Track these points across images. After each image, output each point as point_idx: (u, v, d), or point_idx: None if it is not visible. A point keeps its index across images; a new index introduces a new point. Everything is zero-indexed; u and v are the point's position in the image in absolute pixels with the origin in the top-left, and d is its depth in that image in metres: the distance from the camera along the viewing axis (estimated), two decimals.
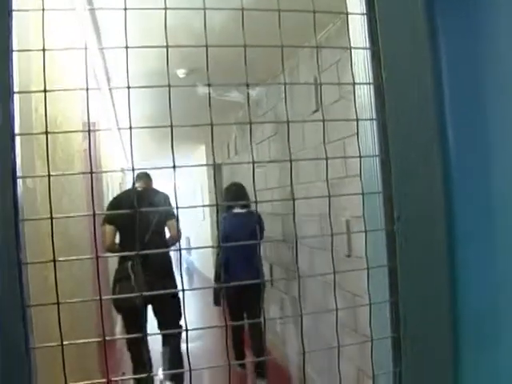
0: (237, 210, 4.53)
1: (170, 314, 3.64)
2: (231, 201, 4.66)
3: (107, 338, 0.86)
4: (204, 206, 13.09)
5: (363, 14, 0.99)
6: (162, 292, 3.55)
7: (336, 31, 3.23)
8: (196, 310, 6.99)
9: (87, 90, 0.84)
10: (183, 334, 0.90)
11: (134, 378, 3.29)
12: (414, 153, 0.92)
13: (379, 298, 0.99)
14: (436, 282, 0.91)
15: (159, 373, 4.06)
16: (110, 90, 4.43)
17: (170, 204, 4.11)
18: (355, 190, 1.01)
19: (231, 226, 4.36)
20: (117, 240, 3.95)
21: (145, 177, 4.28)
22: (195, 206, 5.06)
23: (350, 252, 3.24)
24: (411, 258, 0.92)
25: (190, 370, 0.87)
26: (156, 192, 4.22)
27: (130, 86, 0.88)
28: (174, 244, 4.13)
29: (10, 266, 0.77)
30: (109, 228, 3.84)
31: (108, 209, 4.43)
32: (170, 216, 4.04)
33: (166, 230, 4.10)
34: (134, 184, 3.79)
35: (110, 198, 4.78)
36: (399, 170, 0.93)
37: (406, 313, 0.93)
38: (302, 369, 0.99)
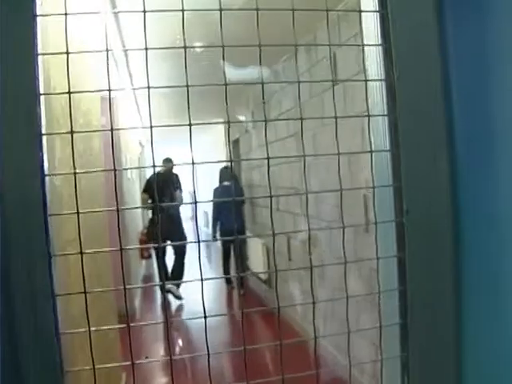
0: (225, 183, 7.36)
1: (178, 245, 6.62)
2: (223, 178, 7.36)
3: (132, 325, 0.89)
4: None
5: (376, 12, 1.00)
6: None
7: (354, 3, 3.17)
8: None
9: (109, 91, 0.86)
10: None
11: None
12: (422, 149, 0.94)
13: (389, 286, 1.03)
14: (441, 270, 0.94)
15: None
16: (127, 64, 4.42)
17: (178, 180, 7.12)
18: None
19: (221, 193, 7.38)
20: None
21: (168, 161, 6.93)
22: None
23: (368, 227, 3.24)
24: (418, 248, 0.95)
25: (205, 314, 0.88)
26: (172, 173, 7.14)
27: (148, 61, 0.89)
28: (179, 205, 7.17)
29: (40, 258, 0.81)
30: (143, 195, 7.00)
31: (145, 183, 7.14)
32: (177, 189, 7.11)
33: (176, 196, 7.01)
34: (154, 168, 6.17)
35: (128, 169, 7.65)
36: (409, 164, 0.96)
37: (412, 301, 0.97)
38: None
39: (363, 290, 3.36)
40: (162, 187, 6.74)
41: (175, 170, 7.27)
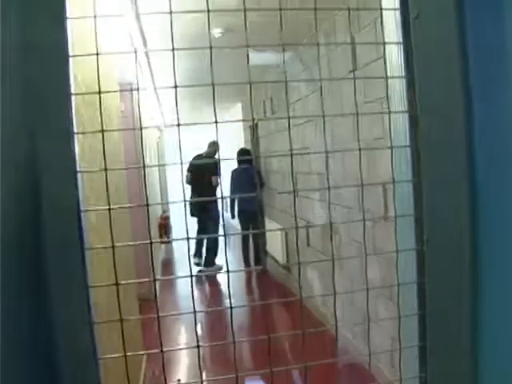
0: (243, 166, 7.64)
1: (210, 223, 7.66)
2: (241, 160, 7.57)
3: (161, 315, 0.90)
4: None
5: (399, 43, 1.01)
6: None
7: None
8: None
9: (138, 90, 0.86)
10: None
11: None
12: (443, 179, 0.95)
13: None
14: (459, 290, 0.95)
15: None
16: (146, 51, 4.43)
17: (216, 165, 7.05)
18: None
19: (239, 174, 7.62)
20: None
21: (213, 145, 7.57)
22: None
23: (387, 215, 3.23)
24: (438, 275, 0.98)
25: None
26: (213, 157, 7.61)
27: (168, 47, 0.90)
28: (216, 187, 7.47)
29: (74, 252, 0.83)
30: (187, 173, 7.54)
31: (190, 163, 7.64)
32: (214, 173, 7.47)
33: (213, 180, 7.49)
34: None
35: (147, 154, 7.80)
36: (430, 195, 0.98)
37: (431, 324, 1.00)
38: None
39: (381, 277, 3.35)
40: (203, 169, 7.38)
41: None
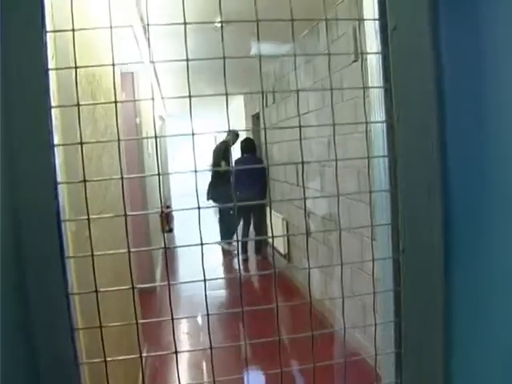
0: (246, 155, 7.85)
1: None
2: (244, 149, 7.83)
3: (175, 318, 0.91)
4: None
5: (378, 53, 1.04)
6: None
7: None
8: None
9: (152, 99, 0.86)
10: None
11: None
12: (418, 189, 0.98)
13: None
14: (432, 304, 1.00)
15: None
16: (148, 40, 4.41)
17: (225, 151, 8.01)
18: None
19: (243, 163, 7.85)
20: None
21: (233, 133, 7.91)
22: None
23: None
24: (413, 283, 1.02)
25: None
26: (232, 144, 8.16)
27: (168, 37, 0.90)
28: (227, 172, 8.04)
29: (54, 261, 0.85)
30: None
31: (213, 150, 8.41)
32: (222, 158, 8.13)
33: (222, 164, 8.03)
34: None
35: (149, 144, 7.41)
36: (406, 205, 1.00)
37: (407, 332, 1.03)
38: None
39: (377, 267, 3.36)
40: (228, 156, 8.03)
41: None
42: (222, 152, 8.17)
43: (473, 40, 0.91)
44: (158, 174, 0.99)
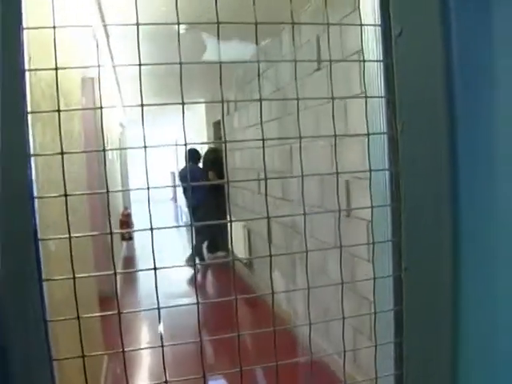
0: (190, 164, 8.15)
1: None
2: (190, 159, 8.10)
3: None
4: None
5: (379, 61, 0.97)
6: None
7: None
8: None
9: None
10: None
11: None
12: (424, 205, 0.91)
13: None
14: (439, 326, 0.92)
15: None
16: (108, 44, 4.35)
17: (212, 161, 8.00)
18: (356, 149, 1.01)
19: (184, 173, 8.24)
20: None
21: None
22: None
23: (350, 212, 3.25)
24: (416, 304, 0.95)
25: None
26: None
27: (130, 42, 0.87)
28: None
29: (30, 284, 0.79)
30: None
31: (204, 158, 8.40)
32: (210, 168, 8.06)
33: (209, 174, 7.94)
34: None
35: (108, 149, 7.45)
36: (410, 221, 0.94)
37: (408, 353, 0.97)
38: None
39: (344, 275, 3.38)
40: (217, 165, 7.89)
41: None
42: (209, 162, 8.08)
43: (487, 44, 0.84)
44: (107, 191, 0.96)
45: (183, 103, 0.92)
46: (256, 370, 3.29)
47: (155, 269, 0.90)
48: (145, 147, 0.91)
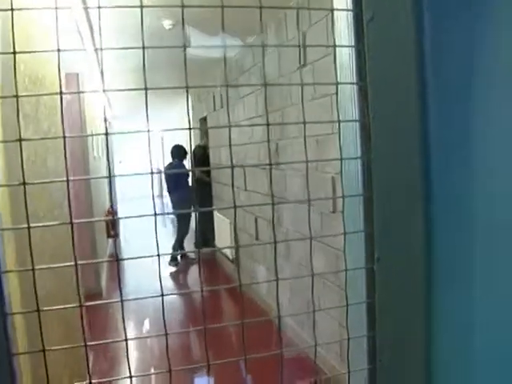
0: (174, 161, 8.09)
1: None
2: (175, 156, 8.11)
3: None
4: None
5: (351, 47, 0.94)
6: None
7: None
8: None
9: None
10: None
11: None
12: (396, 194, 0.89)
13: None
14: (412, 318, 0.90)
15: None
16: (93, 40, 4.32)
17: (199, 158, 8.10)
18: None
19: (169, 169, 8.30)
20: None
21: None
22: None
23: (335, 208, 3.27)
24: (389, 295, 0.92)
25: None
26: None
27: (116, 37, 0.87)
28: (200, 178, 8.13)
29: None
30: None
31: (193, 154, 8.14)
32: (196, 166, 8.49)
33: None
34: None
35: (94, 147, 7.20)
36: (382, 210, 0.91)
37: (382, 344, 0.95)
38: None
39: (326, 267, 3.41)
40: (206, 162, 7.94)
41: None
42: (198, 158, 8.20)
43: (460, 30, 0.82)
44: (67, 180, 0.96)
45: (187, 87, 0.91)
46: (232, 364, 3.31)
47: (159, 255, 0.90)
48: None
